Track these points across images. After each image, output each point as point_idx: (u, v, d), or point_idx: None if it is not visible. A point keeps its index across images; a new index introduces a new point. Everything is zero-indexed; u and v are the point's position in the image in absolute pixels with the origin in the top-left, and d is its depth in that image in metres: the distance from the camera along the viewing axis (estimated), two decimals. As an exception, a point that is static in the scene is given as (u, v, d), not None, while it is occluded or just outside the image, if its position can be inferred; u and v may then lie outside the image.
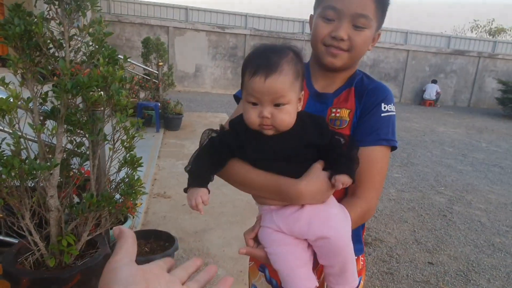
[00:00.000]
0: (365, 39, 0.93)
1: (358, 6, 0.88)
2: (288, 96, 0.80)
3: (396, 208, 4.00)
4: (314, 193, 0.81)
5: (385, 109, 0.94)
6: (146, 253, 2.12)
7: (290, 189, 0.81)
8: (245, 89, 0.84)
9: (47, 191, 1.56)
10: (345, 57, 0.93)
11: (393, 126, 0.95)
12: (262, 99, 0.79)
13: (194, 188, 0.83)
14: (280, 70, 0.78)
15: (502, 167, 6.19)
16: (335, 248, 0.79)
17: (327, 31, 0.91)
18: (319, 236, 0.80)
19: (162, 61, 7.07)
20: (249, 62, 0.82)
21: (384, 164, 0.95)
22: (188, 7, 14.12)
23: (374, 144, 0.92)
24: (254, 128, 0.83)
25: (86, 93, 1.40)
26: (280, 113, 0.80)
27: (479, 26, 29.89)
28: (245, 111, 0.83)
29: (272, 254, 0.84)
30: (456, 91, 16.62)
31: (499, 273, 2.84)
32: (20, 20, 1.43)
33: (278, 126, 0.81)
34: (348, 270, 0.82)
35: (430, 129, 9.58)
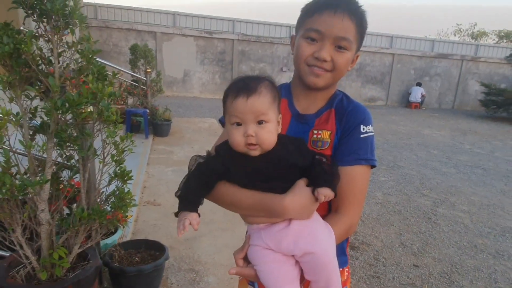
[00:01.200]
0: (346, 60, 0.98)
1: (340, 30, 0.93)
2: (268, 114, 0.87)
3: (382, 211, 4.09)
4: (298, 207, 0.86)
5: (364, 130, 0.99)
6: (137, 263, 2.14)
7: (275, 205, 0.86)
8: (227, 113, 0.90)
9: (38, 205, 1.57)
10: (328, 77, 0.98)
11: (371, 146, 1.00)
12: (245, 118, 0.86)
13: (184, 212, 0.87)
14: (259, 92, 0.87)
15: (485, 169, 6.36)
16: (320, 263, 0.84)
17: (311, 51, 0.96)
18: (305, 252, 0.85)
19: (150, 67, 7.07)
20: (230, 89, 0.90)
21: (365, 182, 1.00)
22: (175, 13, 14.13)
23: (354, 163, 0.97)
24: (239, 150, 0.88)
25: (76, 109, 1.43)
26: (263, 131, 0.86)
27: (461, 30, 30.59)
28: (230, 134, 0.89)
29: (261, 271, 0.88)
30: (441, 93, 16.96)
31: (481, 274, 2.94)
32: (9, 39, 1.45)
33: (262, 144, 0.87)
34: (333, 284, 0.87)
35: (415, 131, 9.77)
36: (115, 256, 2.15)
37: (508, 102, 13.93)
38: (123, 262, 2.15)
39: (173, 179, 4.46)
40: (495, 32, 29.31)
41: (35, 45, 1.49)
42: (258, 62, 14.66)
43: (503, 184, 5.54)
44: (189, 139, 6.69)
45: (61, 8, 1.47)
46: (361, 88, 15.93)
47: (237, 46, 14.24)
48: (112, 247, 2.19)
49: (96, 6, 12.96)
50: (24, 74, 1.52)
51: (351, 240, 3.32)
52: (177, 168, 4.90)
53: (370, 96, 16.11)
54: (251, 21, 14.96)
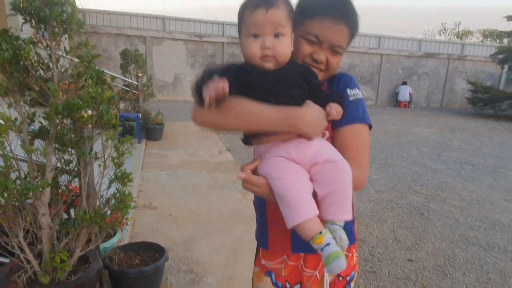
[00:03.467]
0: (339, 62, 1.07)
1: (338, 39, 1.02)
2: (286, 27, 0.90)
3: (376, 208, 4.16)
4: (315, 118, 0.91)
5: (351, 93, 1.07)
6: (137, 265, 2.16)
7: (295, 115, 0.90)
8: (245, 25, 0.91)
9: (39, 210, 1.59)
10: (322, 76, 1.06)
11: (362, 107, 1.08)
12: (264, 29, 0.88)
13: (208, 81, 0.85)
14: (278, 5, 0.89)
15: (474, 165, 6.49)
16: (341, 171, 0.88)
17: (309, 52, 1.03)
18: (327, 159, 0.89)
19: (141, 72, 7.07)
20: (249, 3, 0.91)
21: (364, 139, 1.06)
22: (165, 17, 14.13)
23: (348, 123, 1.04)
24: (254, 62, 0.90)
25: (77, 114, 1.46)
26: (280, 43, 0.89)
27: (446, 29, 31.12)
28: (246, 46, 0.90)
29: (280, 179, 0.87)
30: (429, 92, 17.24)
31: (473, 266, 3.01)
32: (8, 45, 1.47)
33: (278, 56, 0.90)
34: (348, 198, 0.89)
35: (405, 130, 9.92)
36: (114, 259, 2.17)
37: (494, 99, 14.25)
38: (123, 264, 2.17)
39: (168, 183, 4.48)
40: (480, 31, 29.90)
41: (33, 51, 1.51)
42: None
43: (492, 179, 5.67)
44: (182, 142, 6.70)
45: (59, 14, 1.49)
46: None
47: (227, 49, 14.29)
48: (111, 250, 2.20)
49: (84, 11, 12.88)
50: (23, 80, 1.54)
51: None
52: (171, 172, 4.91)
53: (360, 96, 16.28)
54: (240, 24, 15.02)
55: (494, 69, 17.48)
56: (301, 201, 0.85)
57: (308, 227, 0.85)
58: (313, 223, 0.85)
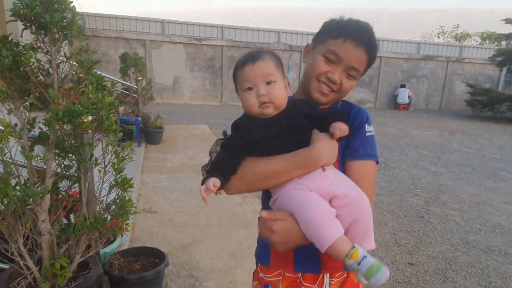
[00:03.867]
0: (351, 86, 1.10)
1: (356, 61, 1.04)
2: (275, 75, 0.97)
3: (376, 211, 4.15)
4: (329, 150, 0.95)
5: (368, 129, 1.10)
6: (137, 271, 2.15)
7: (311, 155, 0.93)
8: (239, 83, 1.00)
9: (39, 216, 1.58)
10: (332, 97, 1.09)
11: (374, 144, 1.12)
12: (255, 80, 0.96)
13: (206, 179, 0.92)
14: (263, 58, 0.98)
15: (473, 167, 6.50)
16: (359, 204, 0.90)
17: (325, 70, 1.05)
18: (345, 193, 0.90)
19: (141, 75, 7.07)
20: (238, 64, 1.01)
21: (373, 175, 1.10)
22: (164, 20, 14.16)
23: (362, 158, 1.07)
24: (254, 112, 0.96)
25: (77, 120, 1.45)
26: (274, 89, 0.96)
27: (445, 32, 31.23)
28: (244, 99, 0.98)
29: (305, 204, 0.89)
30: (428, 94, 17.27)
31: (474, 269, 3.01)
32: (8, 51, 1.47)
33: (274, 101, 0.96)
34: (370, 226, 0.91)
35: (405, 132, 9.93)
36: (114, 264, 2.16)
37: (493, 101, 14.25)
38: (123, 270, 2.16)
39: (168, 187, 4.47)
40: (478, 33, 30.01)
41: (33, 57, 1.51)
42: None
43: (491, 181, 5.67)
44: (182, 146, 6.69)
45: (59, 20, 1.49)
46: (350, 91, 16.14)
47: (226, 52, 14.32)
48: (111, 256, 2.19)
49: (84, 15, 12.91)
50: (23, 86, 1.54)
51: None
52: (171, 176, 4.90)
53: (359, 99, 16.31)
54: (239, 27, 15.06)
55: (493, 72, 17.51)
56: (329, 221, 0.88)
57: (341, 245, 0.87)
58: (344, 240, 0.87)
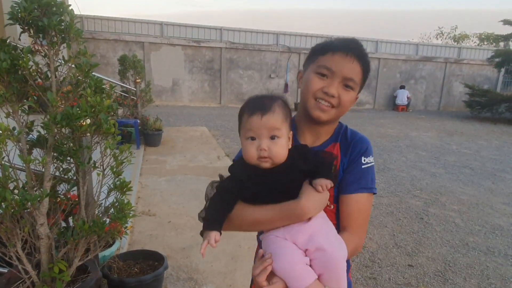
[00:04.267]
0: (351, 99, 1.08)
1: (349, 71, 1.03)
2: (281, 130, 0.95)
3: (375, 213, 4.15)
4: (315, 204, 0.94)
5: (365, 161, 1.08)
6: (136, 274, 2.15)
7: (296, 209, 0.93)
8: (243, 128, 0.97)
9: (37, 219, 1.57)
10: (332, 113, 1.06)
11: (372, 175, 1.09)
12: (260, 133, 0.94)
13: (207, 232, 0.94)
14: (273, 110, 0.95)
15: (472, 168, 6.50)
16: (330, 261, 0.90)
17: (320, 86, 1.04)
18: (317, 247, 0.90)
19: (140, 78, 7.07)
20: (246, 106, 0.98)
21: (367, 208, 1.09)
22: (163, 22, 14.16)
23: (356, 192, 1.06)
24: (252, 163, 0.96)
25: (75, 123, 1.45)
26: (275, 146, 0.94)
27: (443, 33, 31.32)
28: (244, 147, 0.96)
29: (278, 253, 0.93)
30: (426, 95, 17.30)
31: (474, 271, 3.01)
32: (6, 55, 1.47)
33: (274, 158, 0.94)
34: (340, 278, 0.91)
35: (403, 134, 9.93)
36: (113, 267, 2.15)
37: (491, 102, 14.29)
38: (122, 273, 2.15)
39: (167, 189, 4.46)
40: (476, 35, 30.10)
41: (32, 60, 1.51)
42: (246, 69, 14.77)
43: (491, 182, 5.68)
44: (181, 148, 6.68)
45: (58, 23, 1.49)
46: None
47: (225, 54, 14.33)
48: (110, 259, 2.18)
49: (82, 17, 12.91)
50: (21, 89, 1.53)
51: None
52: (170, 178, 4.90)
53: (358, 100, 16.01)
54: (238, 29, 15.08)
55: (491, 73, 17.56)
56: (300, 270, 0.91)
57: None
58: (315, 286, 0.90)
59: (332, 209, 1.09)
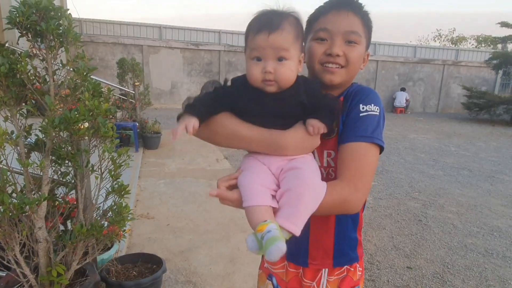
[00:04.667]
0: (359, 54, 1.00)
1: (347, 25, 0.97)
2: (290, 51, 0.87)
3: (374, 215, 4.15)
4: (298, 144, 0.90)
5: (363, 109, 0.97)
6: (134, 277, 2.14)
7: (277, 140, 0.90)
8: (248, 47, 0.91)
9: (35, 223, 1.58)
10: (343, 73, 1.00)
11: (373, 124, 0.96)
12: (266, 53, 0.87)
13: (187, 116, 0.89)
14: (282, 28, 0.86)
15: (471, 170, 6.51)
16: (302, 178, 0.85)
17: (322, 50, 0.98)
18: (292, 166, 0.88)
19: (138, 81, 7.08)
20: (253, 23, 0.90)
21: (367, 160, 0.94)
22: (161, 25, 14.20)
23: (352, 140, 0.95)
24: (256, 85, 0.90)
25: (73, 126, 1.46)
26: (282, 68, 0.87)
27: (441, 35, 31.44)
28: (249, 68, 0.90)
29: (244, 170, 0.92)
30: (425, 97, 17.35)
31: (472, 273, 3.01)
32: (5, 59, 1.47)
33: (279, 81, 0.88)
34: (301, 210, 0.83)
35: (402, 135, 9.95)
36: (112, 271, 2.15)
37: (489, 104, 14.33)
38: (120, 276, 2.15)
39: (166, 192, 4.46)
40: (474, 37, 30.22)
41: (30, 65, 1.51)
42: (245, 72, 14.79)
43: (489, 184, 5.69)
44: (179, 150, 6.69)
45: (56, 28, 1.50)
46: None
47: (224, 57, 14.35)
48: (108, 262, 2.18)
49: (81, 21, 12.93)
50: (20, 93, 1.54)
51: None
52: (169, 181, 4.90)
53: (357, 102, 16.35)
54: (236, 32, 15.11)
55: (489, 74, 17.63)
56: (253, 188, 0.86)
57: (255, 214, 0.83)
58: (260, 210, 0.83)
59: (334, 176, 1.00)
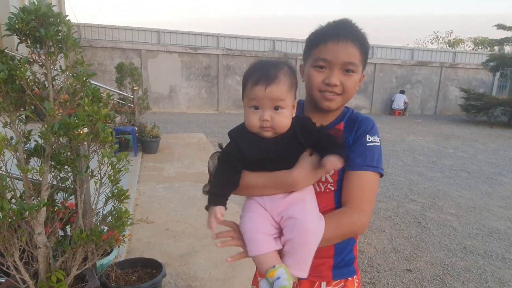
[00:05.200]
0: (355, 82, 1.07)
1: (345, 56, 1.02)
2: (285, 101, 0.94)
3: (373, 218, 4.15)
4: (306, 177, 0.96)
5: (370, 139, 1.06)
6: (134, 282, 2.14)
7: (287, 179, 0.95)
8: (246, 97, 0.97)
9: (34, 229, 1.58)
10: (339, 100, 1.06)
11: (378, 155, 1.06)
12: (263, 103, 0.93)
13: (211, 207, 0.95)
14: (278, 80, 0.93)
15: (469, 172, 6.53)
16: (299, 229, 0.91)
17: (321, 78, 1.04)
18: (291, 216, 0.92)
19: (137, 85, 7.09)
20: (250, 74, 0.97)
21: (372, 187, 1.04)
22: (159, 30, 14.23)
23: (361, 169, 1.03)
24: (254, 131, 0.95)
25: (73, 132, 1.46)
26: (279, 116, 0.94)
27: (439, 38, 31.59)
28: (247, 116, 0.96)
29: (244, 217, 0.98)
30: (423, 100, 17.39)
31: (472, 275, 3.01)
32: (4, 65, 1.48)
33: (276, 128, 0.94)
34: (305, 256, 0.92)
35: (400, 138, 9.98)
36: (111, 276, 2.15)
37: (487, 106, 14.37)
38: (120, 281, 2.14)
39: (165, 196, 4.45)
40: (471, 39, 30.36)
41: (29, 71, 1.52)
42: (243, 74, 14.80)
43: (488, 186, 5.70)
44: (178, 155, 6.68)
45: (55, 34, 1.50)
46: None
47: (222, 60, 14.38)
48: (108, 267, 2.18)
49: (79, 26, 12.96)
50: (19, 99, 1.54)
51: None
52: (168, 185, 4.89)
53: (355, 105, 16.39)
54: (235, 36, 15.16)
55: (486, 76, 17.69)
56: (257, 238, 0.94)
57: (263, 261, 0.93)
58: (267, 258, 0.93)
59: (332, 190, 1.07)
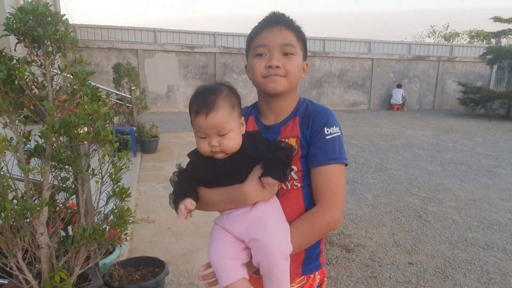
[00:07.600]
0: (297, 65, 1.08)
1: (282, 38, 1.06)
2: (229, 126, 0.97)
3: (374, 213, 4.17)
4: (258, 191, 0.97)
5: (328, 132, 1.05)
6: (137, 281, 2.14)
7: (238, 194, 0.97)
8: (193, 126, 1.00)
9: (37, 229, 1.58)
10: (284, 82, 1.07)
11: (339, 145, 1.06)
12: (208, 132, 0.97)
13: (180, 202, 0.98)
14: (217, 107, 0.95)
15: (469, 165, 6.55)
16: (265, 249, 0.91)
17: (263, 64, 1.07)
18: (251, 238, 0.93)
19: (134, 85, 7.08)
20: (192, 104, 1.00)
21: (339, 180, 1.05)
22: (156, 29, 14.20)
23: (323, 164, 1.04)
24: (206, 154, 0.99)
25: (73, 131, 1.46)
26: (226, 140, 0.97)
27: (435, 32, 31.59)
28: (197, 143, 1.01)
29: (210, 245, 1.00)
30: (421, 94, 17.41)
31: (473, 267, 3.02)
32: (2, 65, 1.47)
33: (226, 151, 0.98)
34: (274, 274, 0.93)
35: (399, 133, 9.99)
36: (114, 275, 2.15)
37: (485, 99, 14.40)
38: (123, 280, 2.15)
39: (165, 195, 4.45)
40: (467, 32, 30.38)
41: (28, 71, 1.52)
42: (241, 73, 14.79)
43: (487, 178, 5.72)
44: (177, 154, 6.68)
45: (53, 33, 1.50)
46: (343, 93, 16.24)
47: (219, 59, 14.36)
48: (111, 267, 2.18)
49: (75, 26, 12.92)
50: (18, 99, 1.54)
51: (346, 242, 3.38)
52: (168, 184, 4.87)
53: (353, 101, 16.41)
54: (231, 34, 15.14)
55: (484, 70, 17.71)
56: (224, 265, 0.95)
57: None
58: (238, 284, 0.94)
59: (299, 187, 1.08)
